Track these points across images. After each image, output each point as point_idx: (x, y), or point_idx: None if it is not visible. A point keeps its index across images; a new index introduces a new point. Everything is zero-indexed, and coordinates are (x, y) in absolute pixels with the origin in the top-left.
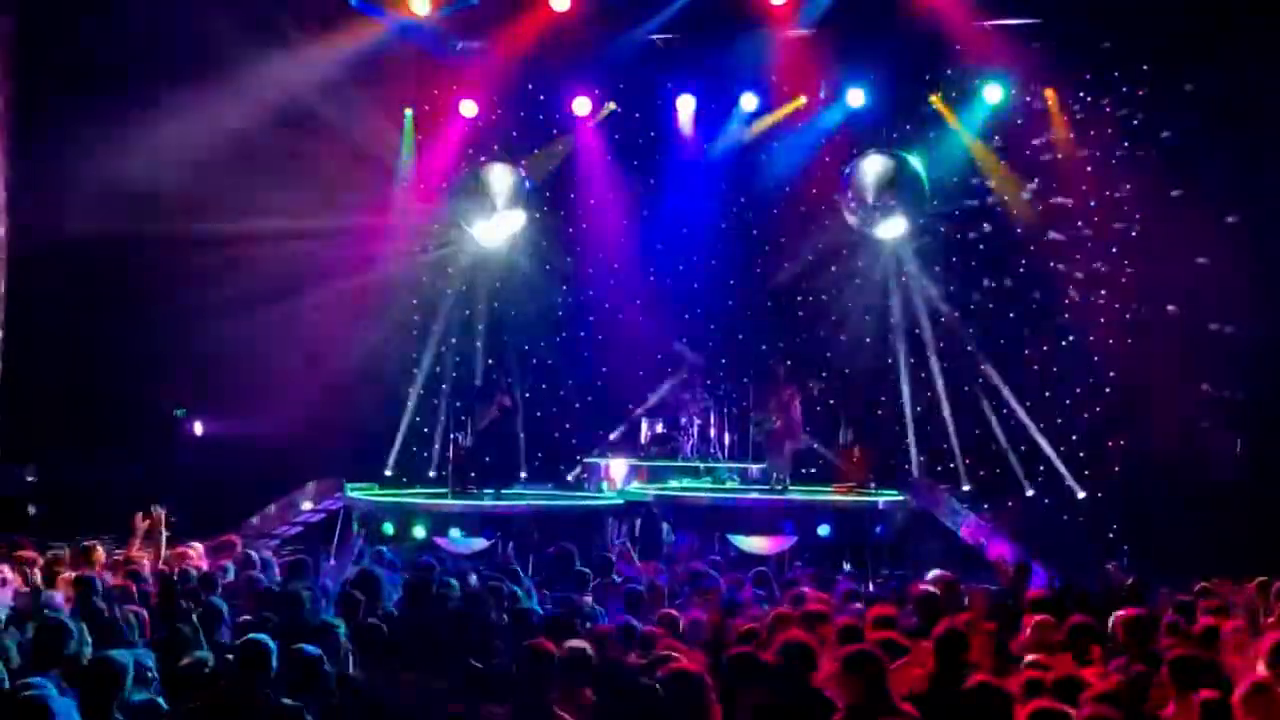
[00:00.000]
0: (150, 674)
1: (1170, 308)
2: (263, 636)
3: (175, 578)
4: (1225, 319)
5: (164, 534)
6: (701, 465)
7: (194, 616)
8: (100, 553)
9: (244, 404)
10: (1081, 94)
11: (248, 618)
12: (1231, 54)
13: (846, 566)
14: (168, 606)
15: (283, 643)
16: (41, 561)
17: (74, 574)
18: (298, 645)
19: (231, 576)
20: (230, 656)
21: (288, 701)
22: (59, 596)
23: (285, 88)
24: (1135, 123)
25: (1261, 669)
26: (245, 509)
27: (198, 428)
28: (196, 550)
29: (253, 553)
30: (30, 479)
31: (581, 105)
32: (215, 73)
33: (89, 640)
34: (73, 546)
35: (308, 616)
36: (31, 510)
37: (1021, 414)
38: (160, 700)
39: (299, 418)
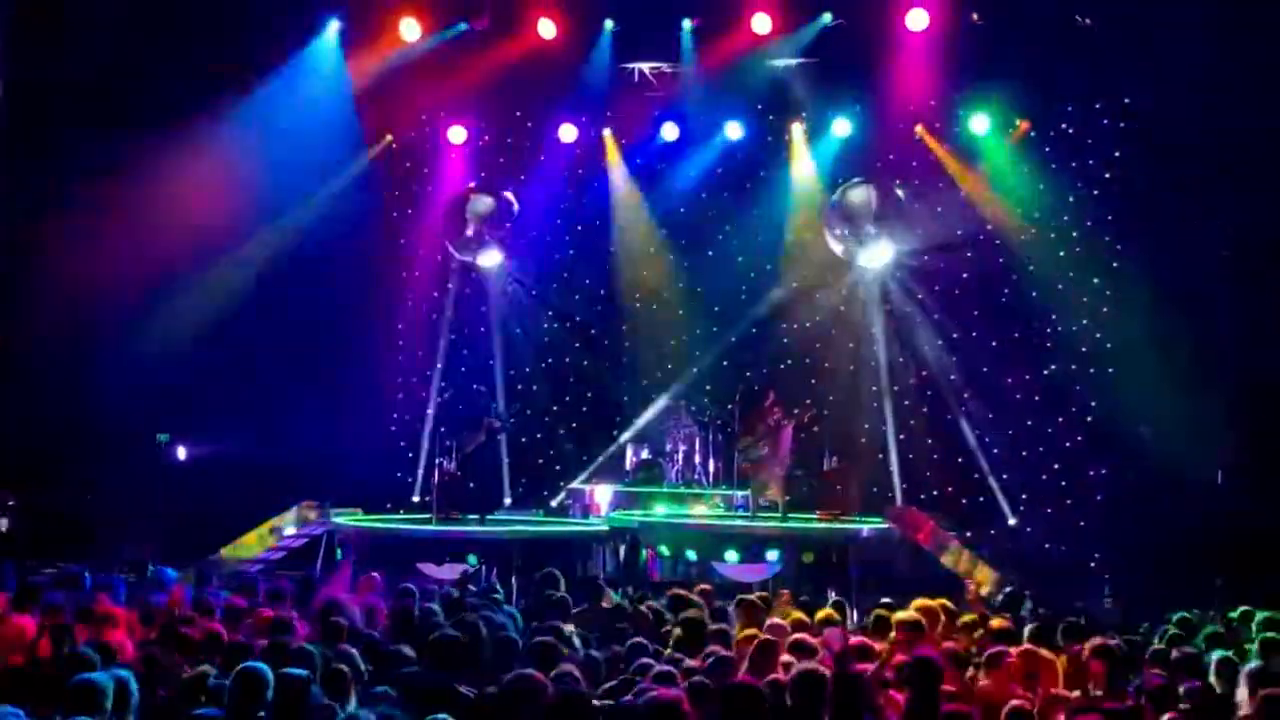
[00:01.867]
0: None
1: (1150, 338)
2: (260, 665)
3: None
4: (1205, 351)
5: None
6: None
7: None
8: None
9: (227, 429)
10: (1064, 125)
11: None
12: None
13: (831, 594)
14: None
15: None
16: None
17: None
18: (285, 670)
19: None
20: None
21: None
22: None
23: (273, 112)
24: (1117, 154)
25: (1243, 697)
26: (228, 533)
27: (181, 452)
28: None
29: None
30: (10, 502)
31: (568, 133)
32: (199, 101)
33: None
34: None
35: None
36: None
37: (1004, 443)
38: None
39: (282, 442)
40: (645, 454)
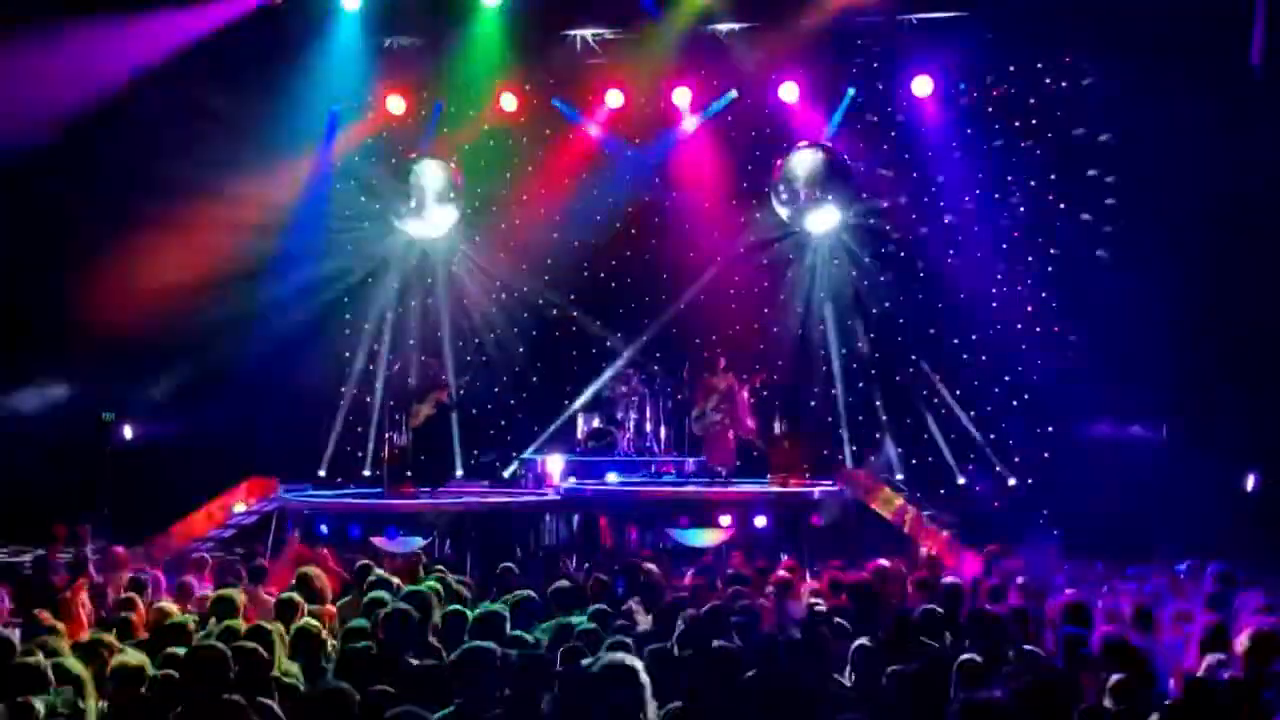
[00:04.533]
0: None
1: (1092, 296)
2: (217, 642)
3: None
4: (1146, 307)
5: (89, 545)
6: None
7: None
8: None
9: (174, 406)
10: (1006, 86)
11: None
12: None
13: (784, 557)
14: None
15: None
16: None
17: None
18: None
19: None
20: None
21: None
22: None
23: (218, 81)
24: (1058, 115)
25: (1195, 650)
26: (176, 512)
27: (127, 431)
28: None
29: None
30: None
31: (511, 101)
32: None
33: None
34: None
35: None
36: None
37: (952, 402)
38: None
39: (231, 419)
40: (597, 423)
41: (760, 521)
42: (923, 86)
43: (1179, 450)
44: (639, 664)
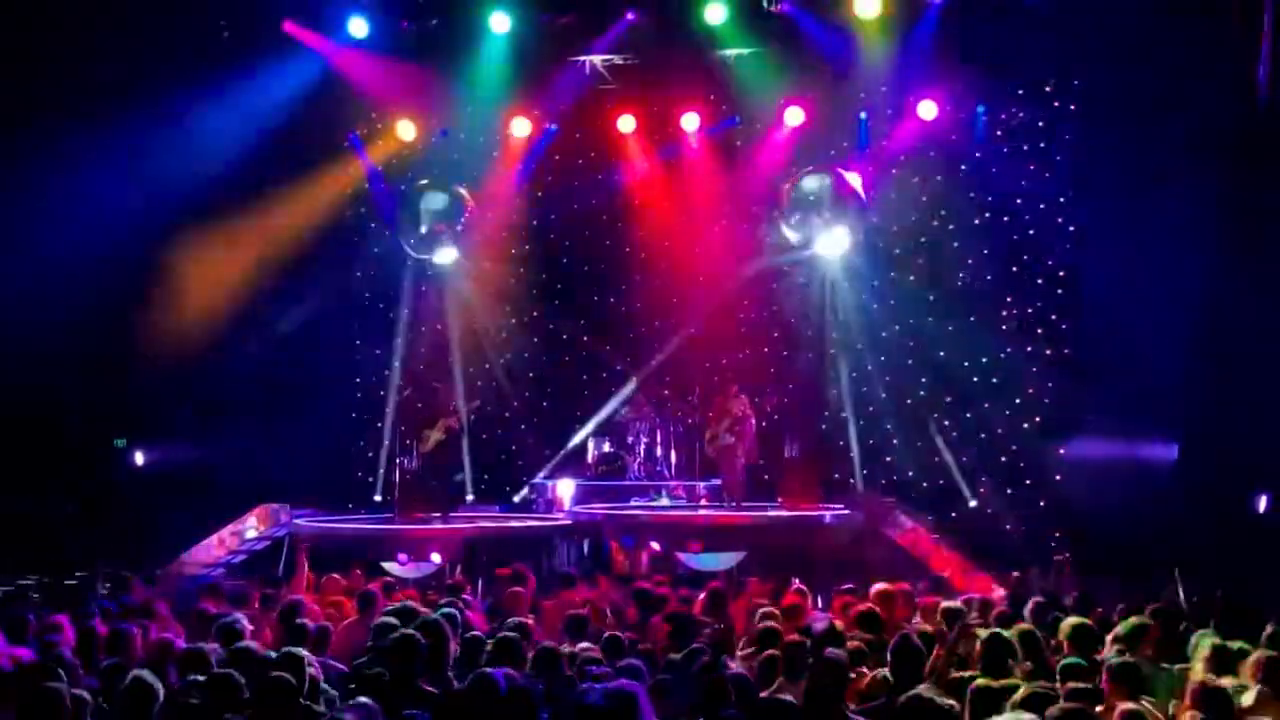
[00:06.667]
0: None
1: (1104, 316)
2: (233, 671)
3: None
4: (1158, 326)
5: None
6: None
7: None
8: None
9: (185, 432)
10: (1014, 109)
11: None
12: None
13: (795, 581)
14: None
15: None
16: None
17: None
18: (273, 673)
19: None
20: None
21: None
22: None
23: (233, 111)
24: (1068, 138)
25: (1199, 672)
26: (188, 538)
27: (138, 457)
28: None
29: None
30: None
31: (520, 126)
32: (160, 105)
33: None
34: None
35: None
36: None
37: (963, 425)
38: None
39: (242, 444)
40: (607, 447)
41: (772, 544)
42: (928, 110)
43: (1191, 471)
44: (639, 689)
